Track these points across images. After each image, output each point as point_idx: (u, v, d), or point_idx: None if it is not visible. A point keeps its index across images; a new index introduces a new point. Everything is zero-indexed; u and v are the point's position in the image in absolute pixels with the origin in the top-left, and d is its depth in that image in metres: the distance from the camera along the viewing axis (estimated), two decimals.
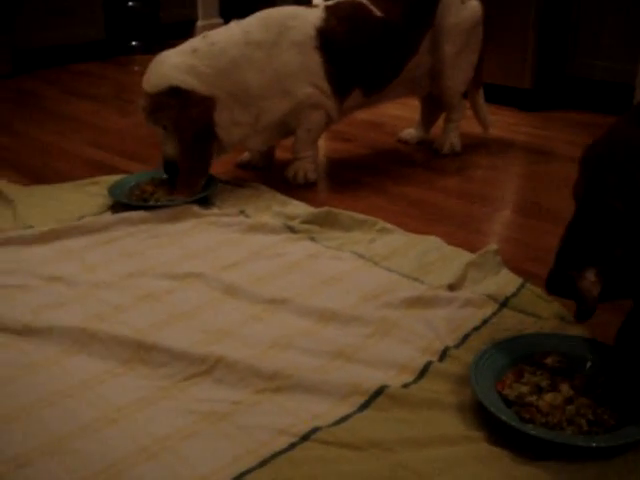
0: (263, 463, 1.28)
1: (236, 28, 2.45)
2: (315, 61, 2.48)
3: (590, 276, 1.34)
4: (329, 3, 2.63)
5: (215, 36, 2.42)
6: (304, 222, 2.20)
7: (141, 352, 1.58)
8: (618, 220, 1.31)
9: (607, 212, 1.31)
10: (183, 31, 5.45)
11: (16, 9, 4.43)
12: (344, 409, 1.42)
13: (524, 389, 1.42)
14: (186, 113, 2.31)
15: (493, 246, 2.01)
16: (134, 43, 5.00)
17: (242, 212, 2.30)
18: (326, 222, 2.21)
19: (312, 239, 2.12)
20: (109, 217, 2.24)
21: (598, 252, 1.34)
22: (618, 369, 1.42)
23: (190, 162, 2.35)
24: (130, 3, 4.93)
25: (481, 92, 2.98)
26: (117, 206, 2.32)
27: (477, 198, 2.51)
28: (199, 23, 5.52)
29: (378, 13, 2.59)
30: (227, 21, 5.40)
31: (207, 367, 1.53)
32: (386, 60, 2.65)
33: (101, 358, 1.59)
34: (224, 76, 2.37)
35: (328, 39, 2.49)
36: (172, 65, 2.33)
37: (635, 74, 2.71)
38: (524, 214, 2.40)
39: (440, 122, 3.01)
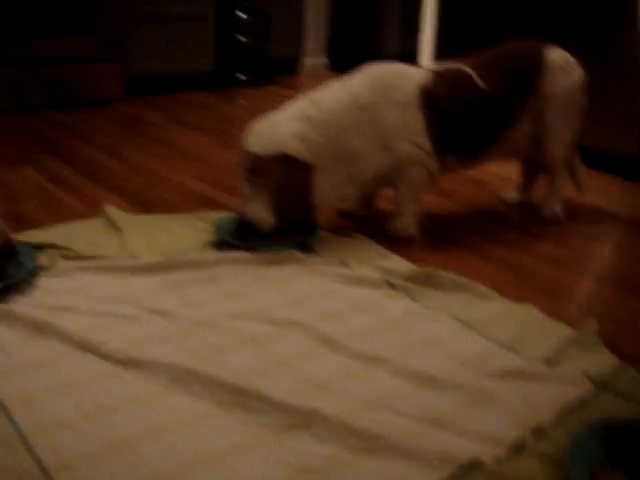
0: None
1: (343, 91, 2.47)
2: (417, 120, 2.51)
3: None
4: (437, 68, 2.69)
5: (325, 102, 2.43)
6: (404, 279, 2.22)
7: (240, 397, 1.62)
8: None
9: None
10: (288, 67, 5.57)
11: (132, 37, 4.60)
12: (435, 477, 1.43)
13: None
14: (292, 181, 2.35)
15: (594, 324, 1.99)
16: (240, 76, 5.13)
17: (342, 262, 2.32)
18: (426, 281, 2.21)
19: (411, 297, 2.14)
20: (214, 255, 2.30)
21: None
22: None
23: (292, 220, 2.41)
24: (240, 37, 5.05)
25: (578, 153, 2.98)
26: (222, 244, 2.38)
27: (575, 268, 2.49)
28: (305, 61, 5.62)
29: (481, 84, 2.62)
30: (332, 60, 5.50)
31: (303, 419, 1.55)
32: (484, 129, 2.68)
33: (200, 398, 1.63)
34: (333, 144, 2.41)
35: (431, 100, 2.53)
36: (287, 132, 2.35)
37: None
38: (623, 290, 2.37)
39: (543, 183, 3.00)
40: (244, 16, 5.06)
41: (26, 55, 4.34)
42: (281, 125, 2.37)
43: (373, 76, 2.52)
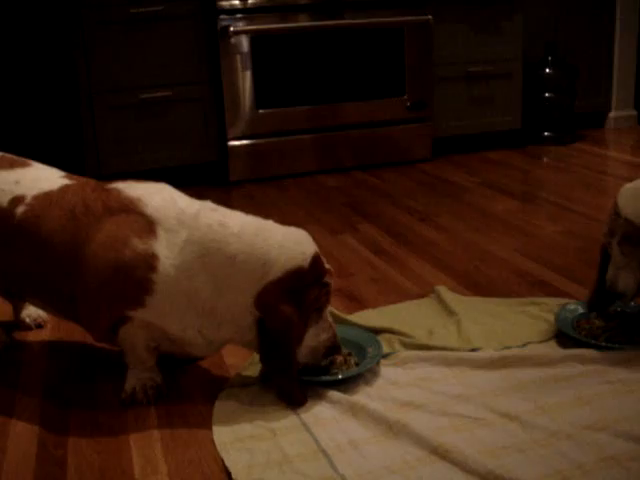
0: None
1: None
2: None
3: None
4: None
5: None
6: None
7: None
8: None
9: None
10: (594, 121, 5.36)
11: (437, 98, 4.63)
12: None
13: None
14: None
15: None
16: (546, 133, 4.98)
17: None
18: None
19: None
20: (556, 350, 2.17)
21: None
22: None
23: None
24: (547, 94, 4.92)
25: None
26: (563, 336, 2.25)
27: None
28: (612, 114, 5.37)
29: None
30: None
31: None
32: None
33: None
34: None
35: None
36: None
37: None
38: None
39: None
40: (550, 71, 4.92)
41: (336, 119, 4.51)
42: None
43: None
